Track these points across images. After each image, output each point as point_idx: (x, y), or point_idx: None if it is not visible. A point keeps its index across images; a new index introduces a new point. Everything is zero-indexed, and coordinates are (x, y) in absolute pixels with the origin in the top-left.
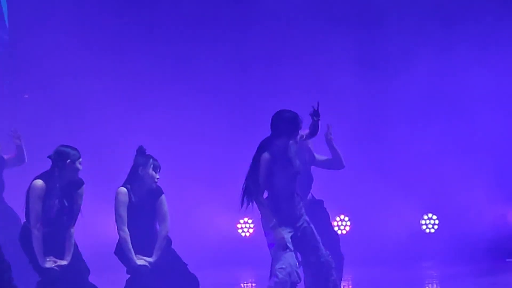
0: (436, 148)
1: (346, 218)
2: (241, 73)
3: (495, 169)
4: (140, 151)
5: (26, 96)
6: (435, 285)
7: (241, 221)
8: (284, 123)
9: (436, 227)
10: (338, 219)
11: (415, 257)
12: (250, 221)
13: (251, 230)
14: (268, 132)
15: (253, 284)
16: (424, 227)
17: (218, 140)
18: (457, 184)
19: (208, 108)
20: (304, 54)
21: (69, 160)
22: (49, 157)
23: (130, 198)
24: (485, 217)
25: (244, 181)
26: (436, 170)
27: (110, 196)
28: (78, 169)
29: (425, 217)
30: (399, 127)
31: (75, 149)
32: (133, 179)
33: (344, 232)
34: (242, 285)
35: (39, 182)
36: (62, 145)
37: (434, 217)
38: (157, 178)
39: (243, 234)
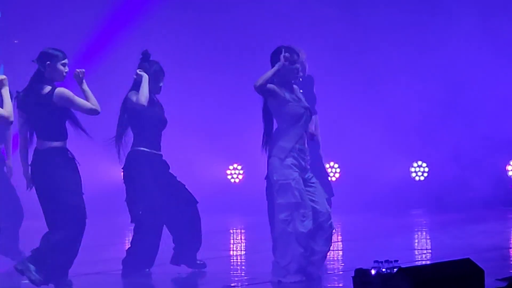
0: (427, 96)
1: (336, 165)
2: (236, 30)
3: (486, 118)
4: (144, 56)
5: (16, 41)
6: (424, 233)
7: (231, 167)
8: (273, 56)
9: (425, 174)
10: (328, 166)
11: (404, 205)
12: (239, 167)
13: (240, 177)
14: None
15: (242, 230)
16: (413, 174)
17: (209, 88)
18: (447, 132)
19: (201, 59)
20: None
21: (48, 62)
22: (33, 60)
23: (136, 103)
24: (475, 165)
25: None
26: (426, 118)
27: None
28: (62, 71)
29: (415, 164)
30: (389, 75)
31: (59, 50)
32: (136, 86)
33: (333, 179)
34: (231, 231)
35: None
36: (46, 47)
37: (424, 164)
38: (160, 86)
39: (232, 180)
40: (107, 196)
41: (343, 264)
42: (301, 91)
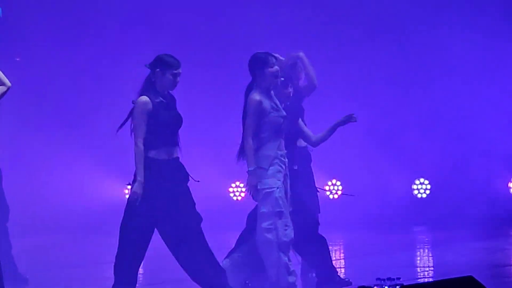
0: (429, 113)
1: (338, 183)
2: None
3: (488, 135)
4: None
5: (18, 59)
6: (426, 250)
7: (233, 185)
8: (252, 63)
9: (428, 192)
10: (330, 183)
11: (406, 222)
12: (241, 185)
13: (242, 194)
14: None
15: None
16: (416, 192)
17: (209, 106)
18: (449, 149)
19: (201, 75)
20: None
21: (158, 70)
22: (146, 65)
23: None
24: (477, 183)
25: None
26: (428, 135)
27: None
28: (172, 80)
29: (417, 182)
30: (390, 92)
31: (174, 58)
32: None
33: (336, 196)
34: None
35: (144, 98)
36: (162, 54)
37: (426, 182)
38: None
39: (234, 198)
40: (109, 213)
41: None
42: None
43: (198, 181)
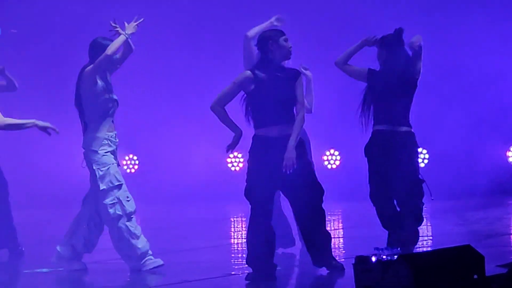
0: (425, 83)
1: (336, 153)
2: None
3: (486, 104)
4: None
5: (14, 31)
6: (424, 219)
7: (231, 155)
8: (91, 48)
9: (426, 161)
10: (328, 153)
11: None
12: (240, 155)
13: (240, 165)
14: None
15: (243, 219)
16: None
17: (209, 76)
18: (447, 118)
19: (199, 50)
20: None
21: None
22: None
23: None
24: (475, 152)
25: None
26: (425, 105)
27: None
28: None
29: None
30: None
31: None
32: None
33: (334, 166)
34: (231, 219)
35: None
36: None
37: (424, 151)
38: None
39: (232, 168)
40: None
41: (343, 251)
42: None
43: None
